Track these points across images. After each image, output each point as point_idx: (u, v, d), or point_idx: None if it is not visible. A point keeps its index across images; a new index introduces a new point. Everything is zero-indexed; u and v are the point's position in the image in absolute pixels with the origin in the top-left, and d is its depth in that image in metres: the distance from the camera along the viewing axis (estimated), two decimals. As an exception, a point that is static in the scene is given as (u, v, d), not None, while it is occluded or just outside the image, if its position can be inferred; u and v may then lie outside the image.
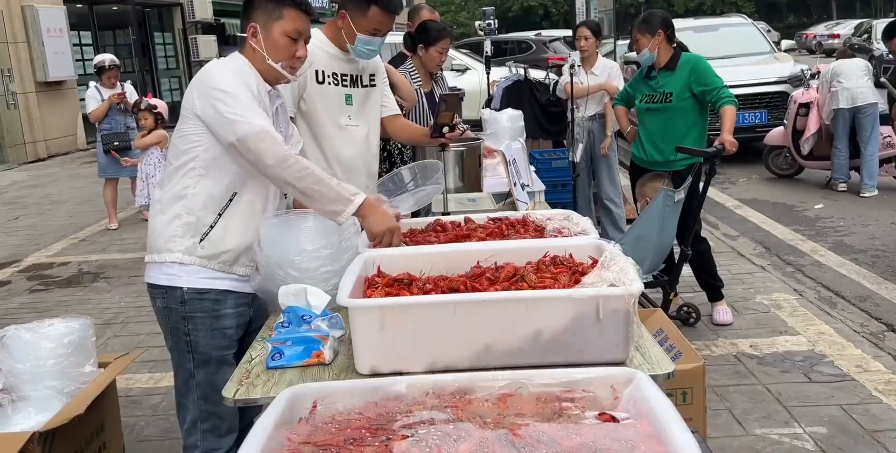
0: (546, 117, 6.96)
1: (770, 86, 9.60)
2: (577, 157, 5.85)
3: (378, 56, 3.12)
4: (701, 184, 4.24)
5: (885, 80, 7.62)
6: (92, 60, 9.31)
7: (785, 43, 16.60)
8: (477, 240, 2.44)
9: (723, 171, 8.70)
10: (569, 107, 5.81)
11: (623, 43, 12.35)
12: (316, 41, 2.77)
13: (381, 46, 2.99)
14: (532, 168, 4.32)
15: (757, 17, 35.54)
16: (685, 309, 4.44)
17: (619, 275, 1.78)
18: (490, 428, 1.33)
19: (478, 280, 1.99)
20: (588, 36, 5.85)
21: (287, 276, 2.20)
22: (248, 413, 2.43)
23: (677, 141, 4.34)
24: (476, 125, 5.16)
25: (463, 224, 2.64)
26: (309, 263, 2.21)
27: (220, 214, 2.32)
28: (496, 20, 10.38)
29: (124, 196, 8.21)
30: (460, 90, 7.24)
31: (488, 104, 7.31)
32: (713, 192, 7.66)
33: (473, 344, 1.75)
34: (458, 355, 1.76)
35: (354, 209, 2.23)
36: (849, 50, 8.40)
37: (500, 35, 17.71)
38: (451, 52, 10.07)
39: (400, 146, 4.04)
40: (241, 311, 2.42)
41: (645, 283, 1.95)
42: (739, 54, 10.40)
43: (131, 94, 7.86)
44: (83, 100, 9.65)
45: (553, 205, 3.52)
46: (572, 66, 5.64)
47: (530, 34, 19.48)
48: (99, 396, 2.62)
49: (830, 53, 14.64)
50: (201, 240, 2.31)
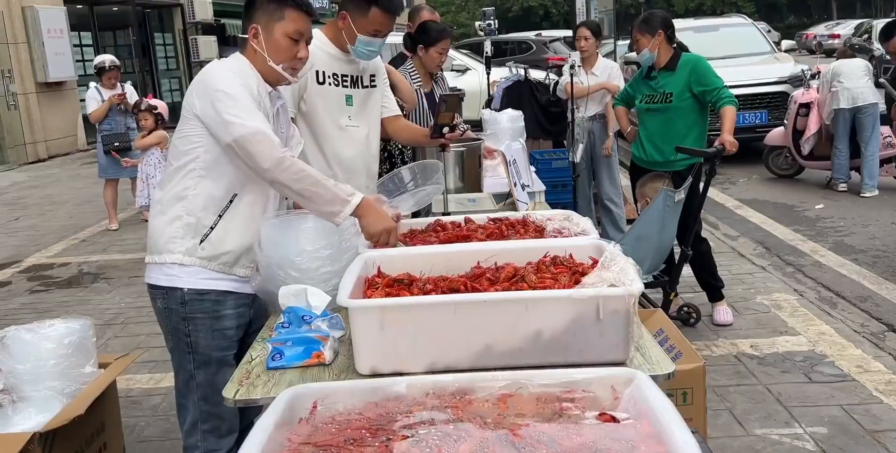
0: (546, 117, 6.95)
1: (770, 86, 9.60)
2: (578, 158, 5.85)
3: (379, 57, 3.12)
4: (701, 185, 4.24)
5: (885, 81, 7.61)
6: (92, 61, 9.30)
7: (785, 43, 16.56)
8: (477, 240, 2.44)
9: (723, 172, 8.70)
10: (569, 107, 5.81)
11: (623, 43, 12.36)
12: (316, 42, 2.76)
13: (382, 47, 2.99)
14: (532, 168, 4.31)
15: (757, 17, 35.55)
16: (685, 309, 4.44)
17: (620, 276, 1.78)
18: (490, 429, 1.33)
19: (478, 280, 1.99)
20: (588, 36, 5.85)
21: (287, 277, 2.20)
22: (249, 413, 2.43)
23: (677, 141, 4.34)
24: (476, 125, 5.16)
25: (463, 224, 2.64)
26: (309, 264, 2.21)
27: (221, 216, 2.32)
28: (496, 20, 10.39)
29: (124, 196, 8.22)
30: (460, 90, 7.25)
31: (488, 104, 7.31)
32: (713, 193, 7.66)
33: (474, 344, 1.75)
34: (459, 355, 1.76)
35: (351, 210, 2.23)
36: (849, 50, 8.40)
37: (501, 35, 17.72)
38: (452, 52, 10.07)
39: (400, 146, 4.04)
40: (242, 312, 2.42)
41: (645, 284, 1.95)
42: (740, 54, 10.40)
43: (131, 94, 7.86)
44: (83, 100, 9.65)
45: (553, 206, 3.52)
46: (572, 66, 5.64)
47: (530, 34, 19.48)
48: (99, 397, 2.62)
49: (831, 53, 14.64)
50: (202, 242, 2.31)
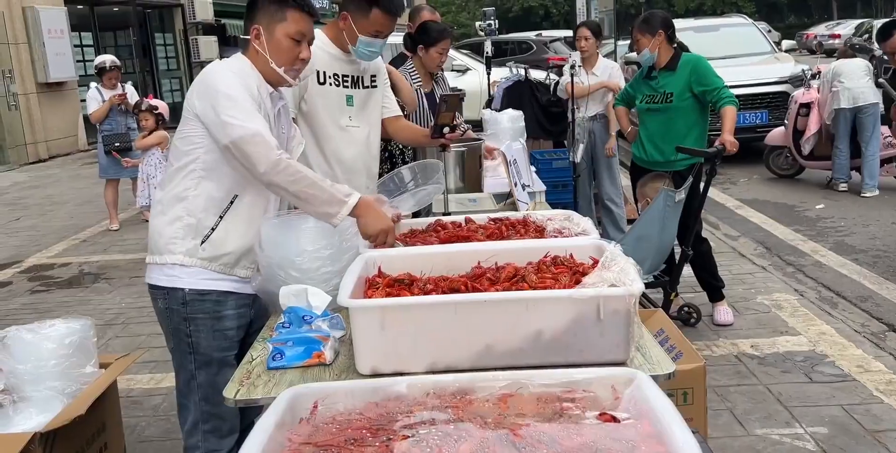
0: (547, 118, 6.95)
1: (771, 86, 9.60)
2: (578, 158, 5.85)
3: (379, 57, 3.12)
4: (702, 185, 4.25)
5: (884, 81, 7.60)
6: (93, 61, 9.30)
7: (785, 43, 16.58)
8: (477, 240, 2.44)
9: (723, 172, 8.69)
10: (569, 107, 5.81)
11: (623, 43, 12.37)
12: (317, 42, 2.76)
13: (383, 48, 2.99)
14: (533, 168, 4.32)
15: (757, 17, 35.50)
16: (686, 309, 4.44)
17: (620, 276, 1.78)
18: (491, 429, 1.33)
19: (478, 280, 1.99)
20: (588, 36, 5.85)
21: (288, 277, 2.20)
22: (249, 413, 2.43)
23: (678, 141, 4.34)
24: (477, 125, 5.17)
25: (464, 224, 2.64)
26: (310, 264, 2.21)
27: (221, 217, 2.32)
28: (496, 21, 10.40)
29: (125, 197, 8.22)
30: (461, 90, 7.24)
31: (489, 104, 7.31)
32: (714, 193, 7.66)
33: (474, 344, 1.75)
34: (459, 355, 1.76)
35: (349, 210, 2.22)
36: (849, 50, 8.39)
37: (501, 35, 17.72)
38: (452, 52, 10.08)
39: (401, 147, 4.04)
40: (242, 312, 2.42)
41: (646, 284, 1.95)
42: (740, 54, 10.40)
43: (132, 94, 7.86)
44: (84, 101, 9.66)
45: (554, 206, 3.52)
46: (573, 66, 5.65)
47: (531, 34, 19.49)
48: (100, 397, 2.62)
49: (831, 53, 14.63)
50: (202, 242, 2.31)
